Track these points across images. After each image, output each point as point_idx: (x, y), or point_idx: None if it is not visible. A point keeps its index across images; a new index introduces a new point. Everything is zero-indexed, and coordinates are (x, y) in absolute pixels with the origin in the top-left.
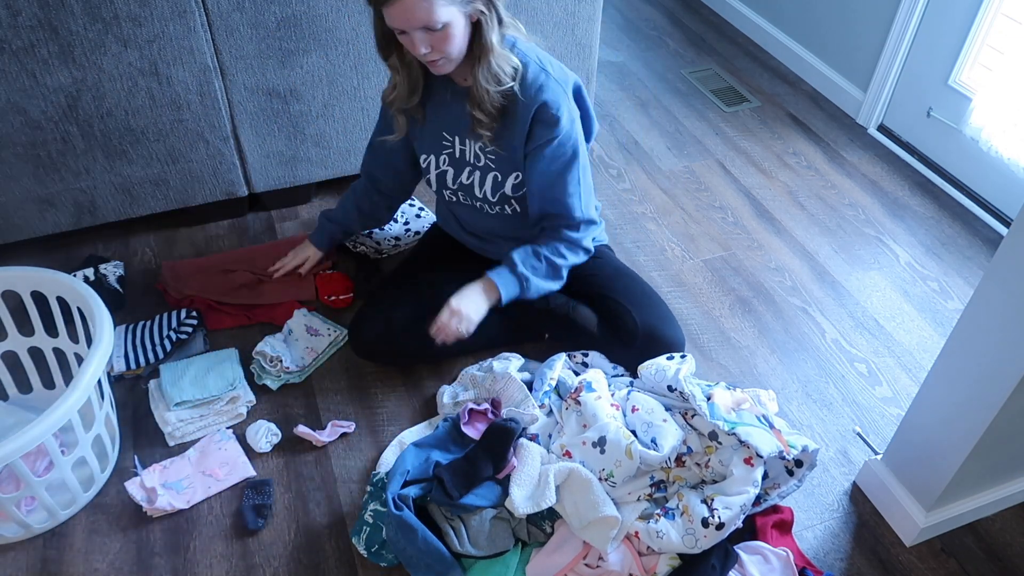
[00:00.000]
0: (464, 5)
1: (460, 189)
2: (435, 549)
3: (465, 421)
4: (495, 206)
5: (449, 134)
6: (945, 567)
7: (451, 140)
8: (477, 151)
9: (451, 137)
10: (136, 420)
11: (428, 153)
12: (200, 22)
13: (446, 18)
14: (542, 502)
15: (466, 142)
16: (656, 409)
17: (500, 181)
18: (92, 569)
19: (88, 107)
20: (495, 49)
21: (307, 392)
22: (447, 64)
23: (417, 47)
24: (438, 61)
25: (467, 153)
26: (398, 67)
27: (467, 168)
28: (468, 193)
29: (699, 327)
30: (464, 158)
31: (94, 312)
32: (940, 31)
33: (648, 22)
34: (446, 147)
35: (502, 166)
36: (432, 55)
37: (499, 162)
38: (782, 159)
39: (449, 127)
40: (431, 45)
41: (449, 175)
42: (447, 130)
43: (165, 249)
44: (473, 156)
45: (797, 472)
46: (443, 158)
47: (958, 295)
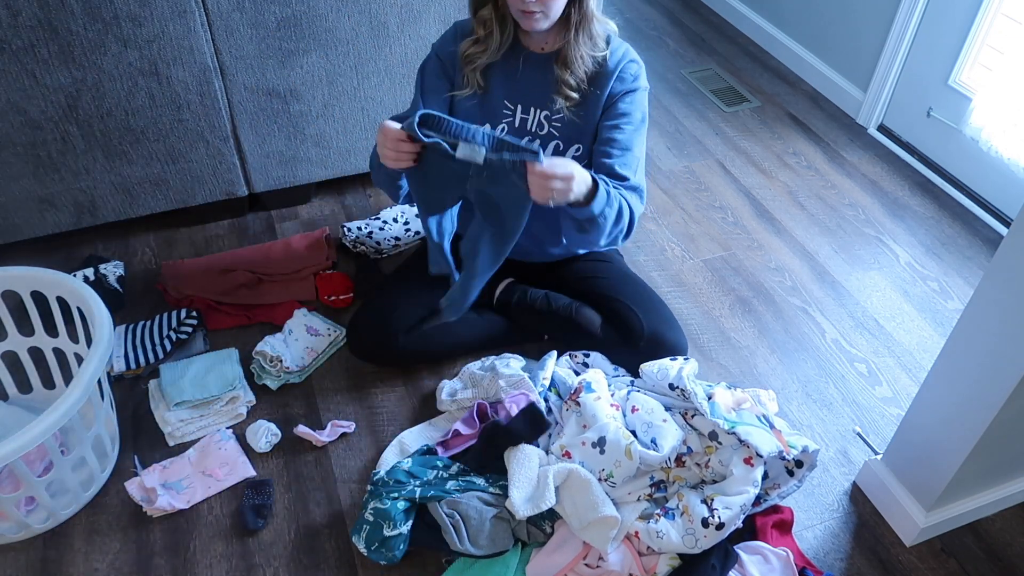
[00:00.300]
0: None
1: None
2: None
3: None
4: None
5: (511, 103)
6: (945, 567)
7: (512, 109)
8: (541, 119)
9: (513, 106)
10: (136, 420)
11: (482, 123)
12: (200, 22)
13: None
14: (542, 503)
15: (530, 111)
16: (656, 409)
17: (562, 150)
18: (92, 569)
19: (88, 107)
20: (596, 15)
21: (307, 392)
22: (543, 20)
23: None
24: (535, 14)
25: (529, 122)
26: (491, 19)
27: (526, 138)
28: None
29: (699, 327)
30: (525, 127)
31: (94, 312)
32: (940, 31)
33: (648, 22)
34: (506, 115)
35: (567, 134)
36: (534, 6)
37: (565, 130)
38: (782, 159)
39: (514, 95)
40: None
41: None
42: (510, 99)
43: (165, 249)
44: (536, 125)
45: (797, 472)
46: (501, 127)
47: (958, 295)
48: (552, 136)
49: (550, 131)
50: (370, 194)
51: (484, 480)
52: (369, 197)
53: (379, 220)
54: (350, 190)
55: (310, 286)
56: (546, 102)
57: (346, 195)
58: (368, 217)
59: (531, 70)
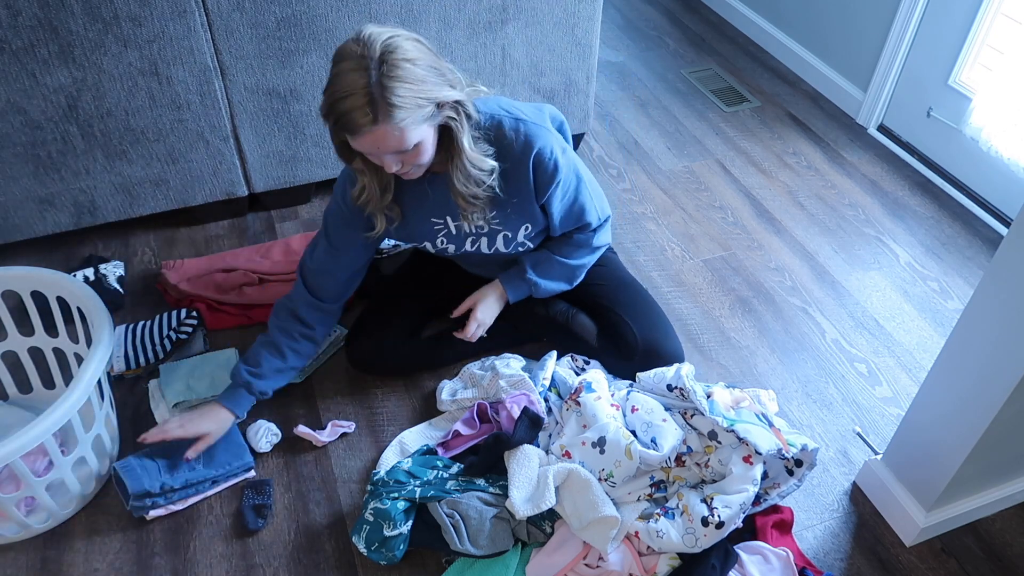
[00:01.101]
0: (433, 119)
1: (463, 257)
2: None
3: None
4: (508, 255)
5: (438, 217)
6: (945, 567)
7: (442, 221)
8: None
9: (441, 219)
10: (136, 420)
11: (420, 241)
12: (200, 22)
13: (417, 138)
14: (542, 504)
15: (459, 218)
16: (656, 409)
17: (512, 238)
18: (92, 569)
19: (88, 107)
20: (467, 152)
21: (307, 392)
22: (418, 172)
23: (388, 166)
24: (408, 172)
25: (465, 227)
26: (364, 171)
27: (470, 239)
28: (475, 255)
29: (699, 327)
30: (463, 231)
31: (94, 312)
32: (940, 31)
33: (648, 22)
34: (439, 229)
35: (510, 224)
36: (403, 169)
37: (506, 222)
38: (782, 159)
39: (436, 212)
40: (402, 162)
41: (451, 249)
42: (435, 215)
43: (165, 249)
44: (475, 227)
45: (797, 472)
46: (440, 240)
47: (958, 295)
48: (496, 231)
49: (491, 228)
50: None
51: (484, 480)
52: None
53: None
54: None
55: None
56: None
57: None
58: None
59: (439, 189)
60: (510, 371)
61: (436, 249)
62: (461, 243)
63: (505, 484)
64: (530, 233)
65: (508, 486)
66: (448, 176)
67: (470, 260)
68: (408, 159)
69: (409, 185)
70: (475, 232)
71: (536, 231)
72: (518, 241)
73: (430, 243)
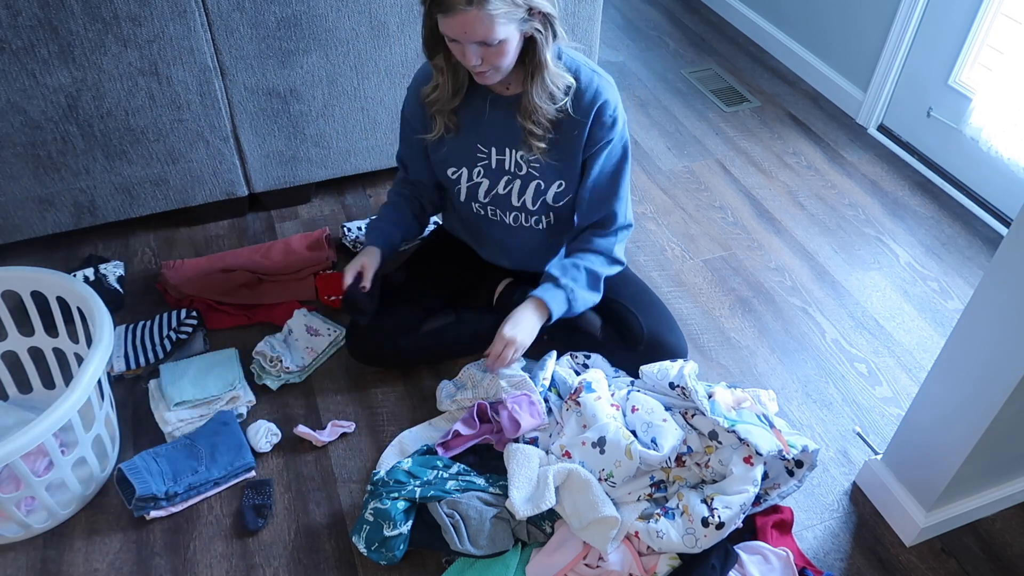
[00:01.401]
0: (522, 23)
1: (493, 202)
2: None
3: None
4: (531, 216)
5: (484, 145)
6: (945, 567)
7: (486, 151)
8: (518, 160)
9: (486, 149)
10: (136, 420)
11: (458, 166)
12: (200, 22)
13: (503, 35)
14: (542, 504)
15: (505, 151)
16: (656, 409)
17: (543, 189)
18: (92, 569)
19: (88, 107)
20: (549, 67)
21: (307, 392)
22: (495, 75)
23: (469, 58)
24: (487, 72)
25: (506, 163)
26: (443, 68)
27: (505, 178)
28: (501, 204)
29: (699, 327)
30: (503, 168)
31: (94, 312)
32: (940, 31)
33: (648, 22)
34: (481, 159)
35: (547, 174)
36: (482, 67)
37: (545, 170)
38: (782, 159)
39: (485, 138)
40: (483, 58)
41: (482, 187)
42: (482, 142)
43: (165, 249)
44: (514, 165)
45: (797, 472)
46: (477, 170)
47: (958, 295)
48: (532, 176)
49: (529, 171)
50: (370, 194)
51: (484, 480)
52: (369, 197)
53: None
54: (350, 190)
55: (310, 286)
56: (519, 143)
57: (346, 195)
58: (368, 217)
59: (498, 112)
60: (510, 371)
61: (469, 183)
62: (496, 180)
63: (505, 484)
64: (561, 191)
65: (508, 486)
66: (517, 97)
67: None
68: (489, 56)
69: (472, 101)
70: (512, 172)
71: (565, 196)
72: (547, 197)
73: (467, 171)
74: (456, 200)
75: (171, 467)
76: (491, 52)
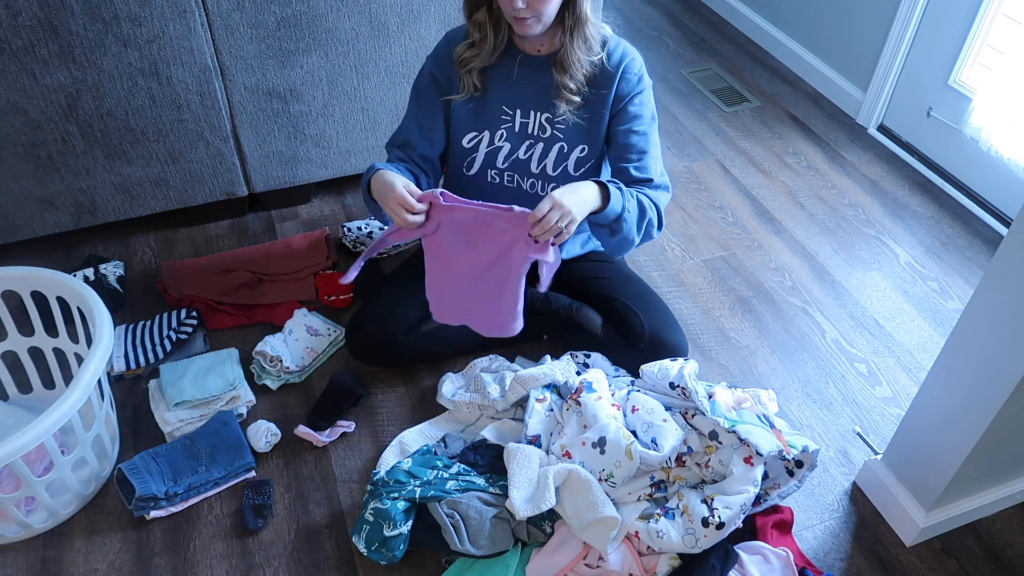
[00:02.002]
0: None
1: (512, 167)
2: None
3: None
4: (549, 183)
5: (510, 107)
6: (945, 567)
7: (511, 113)
8: (543, 122)
9: (511, 111)
10: (136, 420)
11: (480, 130)
12: (200, 22)
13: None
14: (542, 504)
15: (530, 114)
16: (656, 409)
17: (566, 152)
18: (92, 569)
19: (88, 107)
20: (590, 18)
21: (307, 392)
22: (535, 25)
23: (515, 2)
24: (528, 20)
25: (530, 125)
26: (485, 23)
27: (527, 142)
28: (520, 170)
29: (699, 327)
30: (526, 131)
31: (94, 312)
32: (940, 31)
33: (648, 22)
34: (505, 121)
35: (571, 136)
36: (526, 12)
37: (569, 132)
38: (782, 159)
39: (512, 100)
40: (528, 2)
41: (503, 152)
42: (508, 103)
43: (165, 249)
44: (538, 128)
45: (797, 472)
46: (500, 133)
47: (958, 295)
48: (556, 139)
49: (553, 133)
50: None
51: (484, 480)
52: None
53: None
54: (350, 190)
55: (310, 286)
56: (546, 105)
57: (346, 195)
58: (368, 217)
59: (528, 73)
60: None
61: (489, 148)
62: (518, 144)
63: (505, 484)
64: (583, 156)
65: (508, 486)
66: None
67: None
68: (534, 1)
69: (502, 61)
70: (535, 135)
71: (587, 163)
72: (568, 163)
73: (489, 134)
74: (465, 173)
75: (171, 467)
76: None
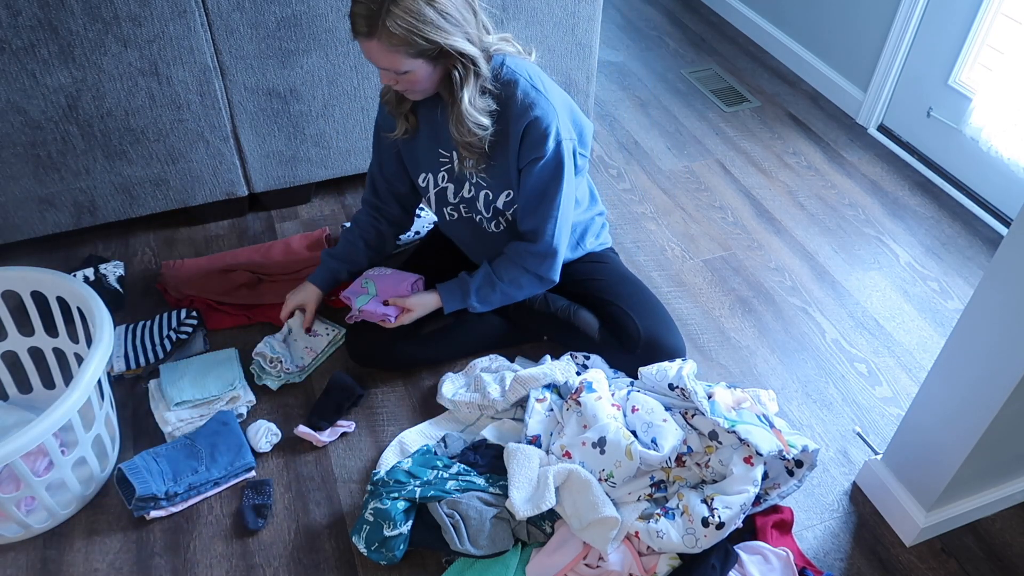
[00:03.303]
0: (435, 60)
1: (462, 203)
2: None
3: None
4: (490, 221)
5: (445, 149)
6: (945, 567)
7: (448, 155)
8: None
9: (448, 152)
10: (136, 420)
11: (426, 171)
12: (200, 22)
13: (409, 67)
14: (542, 504)
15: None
16: (656, 409)
17: (492, 198)
18: (92, 569)
19: (88, 107)
20: (463, 105)
21: (307, 392)
22: (414, 95)
23: (383, 78)
24: (406, 91)
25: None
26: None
27: (467, 183)
28: (470, 207)
29: (699, 327)
30: (463, 173)
31: (94, 312)
32: (940, 31)
33: (648, 22)
34: (444, 163)
35: (493, 183)
36: (398, 87)
37: (491, 179)
38: (782, 159)
39: (443, 141)
40: (396, 81)
41: (450, 191)
42: (442, 145)
43: (165, 249)
44: (471, 172)
45: (797, 472)
46: (442, 174)
47: (958, 295)
48: (481, 185)
49: (478, 180)
50: None
51: (484, 480)
52: None
53: None
54: (350, 190)
55: None
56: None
57: (346, 195)
58: None
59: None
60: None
61: (437, 188)
62: (459, 184)
63: (505, 484)
64: (510, 200)
65: (508, 486)
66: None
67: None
68: (401, 81)
69: (426, 104)
70: (472, 180)
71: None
72: (497, 206)
73: (433, 175)
74: (432, 210)
75: (171, 467)
76: (402, 78)
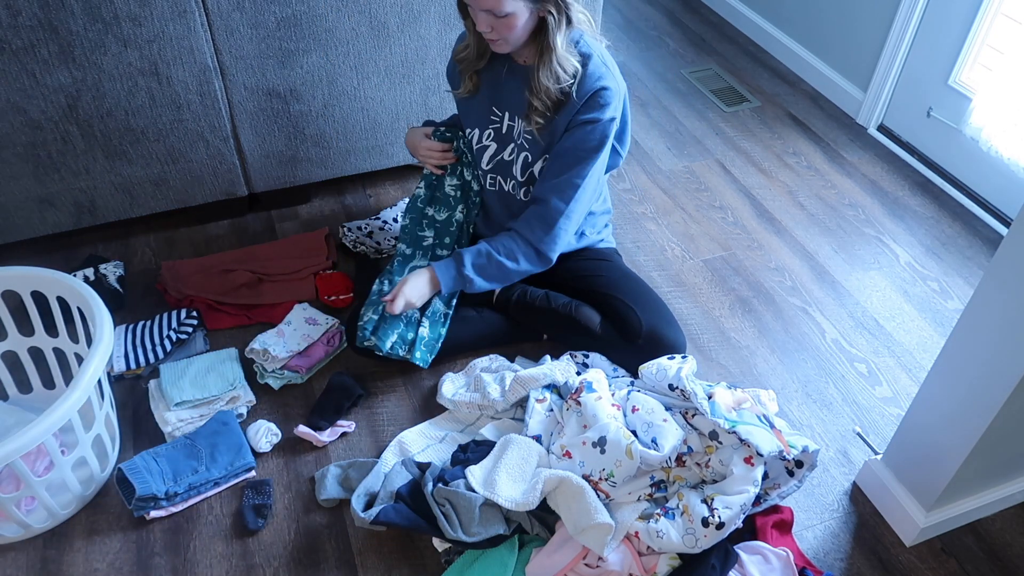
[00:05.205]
0: (534, 3)
1: (496, 169)
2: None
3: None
4: (521, 187)
5: (499, 109)
6: (945, 567)
7: (500, 115)
8: (522, 130)
9: (500, 112)
10: (136, 420)
11: (474, 127)
12: (200, 22)
13: (510, 9)
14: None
15: (515, 119)
16: (656, 409)
17: (530, 161)
18: (92, 569)
19: (88, 107)
20: (557, 50)
21: (307, 392)
22: (504, 46)
23: (479, 23)
24: (496, 41)
25: (514, 130)
26: (470, 30)
27: (511, 145)
28: (504, 172)
29: (699, 327)
30: (510, 134)
31: (94, 312)
32: (940, 31)
33: (648, 22)
34: (494, 122)
35: (536, 147)
36: (491, 35)
37: (534, 145)
38: (782, 159)
39: (500, 102)
40: (492, 27)
41: (489, 151)
42: (497, 104)
43: (165, 249)
44: (519, 134)
45: (797, 472)
46: (488, 132)
47: (958, 295)
48: (524, 147)
49: (522, 142)
50: (370, 194)
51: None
52: (369, 197)
53: (379, 220)
54: (350, 190)
55: (310, 286)
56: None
57: (346, 195)
58: (368, 217)
59: (512, 80)
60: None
61: (478, 144)
62: (503, 146)
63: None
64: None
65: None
66: (531, 68)
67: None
68: (499, 26)
69: (493, 65)
70: (517, 140)
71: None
72: (533, 171)
73: (479, 132)
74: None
75: (171, 467)
76: (500, 23)
